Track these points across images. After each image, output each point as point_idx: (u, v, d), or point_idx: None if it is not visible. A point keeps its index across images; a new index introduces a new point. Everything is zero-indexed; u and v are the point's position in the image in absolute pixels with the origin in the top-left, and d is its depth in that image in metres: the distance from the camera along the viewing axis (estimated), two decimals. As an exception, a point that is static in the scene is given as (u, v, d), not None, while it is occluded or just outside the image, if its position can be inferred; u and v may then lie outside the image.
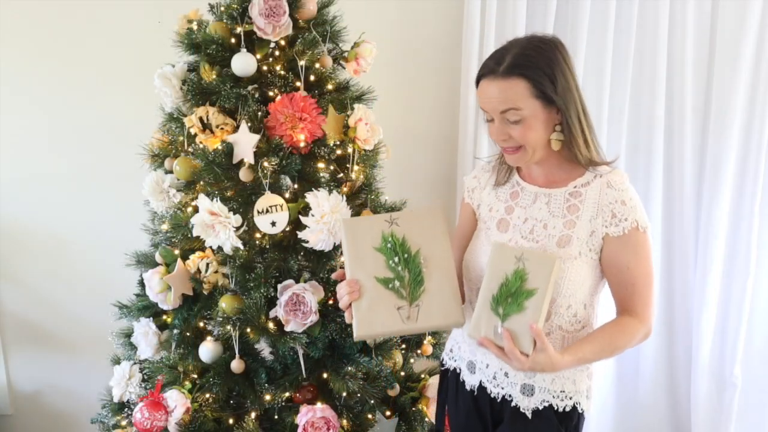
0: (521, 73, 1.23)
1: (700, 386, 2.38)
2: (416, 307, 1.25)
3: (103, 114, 2.28)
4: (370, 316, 1.24)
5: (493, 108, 1.25)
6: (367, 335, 1.25)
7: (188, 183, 1.74)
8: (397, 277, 1.26)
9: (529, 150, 1.28)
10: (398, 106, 2.31)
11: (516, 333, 1.18)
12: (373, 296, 1.25)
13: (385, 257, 1.27)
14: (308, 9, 1.69)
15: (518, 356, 1.16)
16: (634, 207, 1.28)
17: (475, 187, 1.50)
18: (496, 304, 1.20)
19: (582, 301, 1.32)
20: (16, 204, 2.35)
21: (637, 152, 2.32)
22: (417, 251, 1.27)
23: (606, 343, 1.27)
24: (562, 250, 1.29)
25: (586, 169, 1.33)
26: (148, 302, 1.78)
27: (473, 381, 1.44)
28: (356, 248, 1.28)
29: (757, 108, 2.21)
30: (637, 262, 1.28)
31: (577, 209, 1.31)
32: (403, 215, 1.30)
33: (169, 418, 1.62)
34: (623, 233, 1.27)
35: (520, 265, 1.20)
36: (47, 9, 2.20)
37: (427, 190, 2.42)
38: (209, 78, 1.65)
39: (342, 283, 1.28)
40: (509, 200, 1.41)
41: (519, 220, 1.37)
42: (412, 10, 2.29)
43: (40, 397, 2.53)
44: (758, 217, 2.28)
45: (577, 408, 1.36)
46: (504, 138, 1.27)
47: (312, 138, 1.63)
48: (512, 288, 1.19)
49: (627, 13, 2.19)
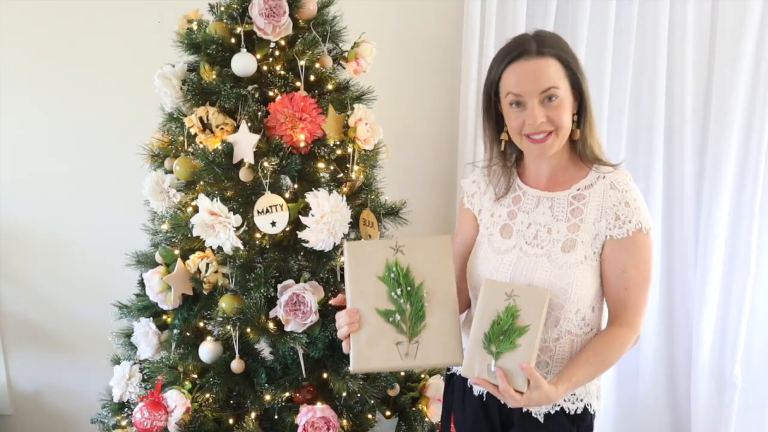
0: (554, 53, 1.23)
1: (700, 386, 2.38)
2: (415, 344, 1.22)
3: (103, 114, 2.28)
4: (369, 350, 1.22)
5: (532, 88, 1.22)
6: (363, 370, 1.24)
7: (188, 183, 1.74)
8: (398, 310, 1.23)
9: (560, 135, 1.25)
10: (398, 106, 2.31)
11: (509, 371, 1.17)
12: (372, 329, 1.22)
13: (387, 287, 1.23)
14: (308, 9, 1.69)
15: (513, 395, 1.16)
16: (638, 208, 1.26)
17: (475, 192, 1.47)
18: (489, 342, 1.19)
19: (590, 304, 1.31)
20: (16, 204, 2.35)
21: (637, 152, 2.32)
22: (421, 284, 1.23)
23: (598, 362, 1.26)
24: (567, 255, 1.27)
25: (590, 168, 1.31)
26: (148, 302, 1.78)
27: (481, 388, 1.42)
28: (358, 275, 1.24)
29: (757, 108, 2.21)
30: (634, 265, 1.26)
31: (581, 212, 1.29)
32: (410, 243, 1.26)
33: (169, 418, 1.62)
34: (627, 236, 1.25)
35: (511, 301, 1.19)
36: (47, 9, 2.20)
37: (427, 191, 2.42)
38: (209, 78, 1.65)
39: (342, 312, 1.25)
40: (512, 205, 1.38)
41: (522, 226, 1.34)
42: (412, 10, 2.29)
43: (40, 397, 2.53)
44: (758, 217, 2.28)
45: (589, 409, 1.36)
46: (542, 119, 1.23)
47: (312, 138, 1.63)
48: (504, 326, 1.19)
49: (627, 13, 2.19)
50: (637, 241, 1.26)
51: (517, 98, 1.24)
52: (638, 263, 1.27)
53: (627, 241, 1.25)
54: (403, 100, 2.34)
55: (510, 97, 1.25)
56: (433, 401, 1.86)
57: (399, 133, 2.26)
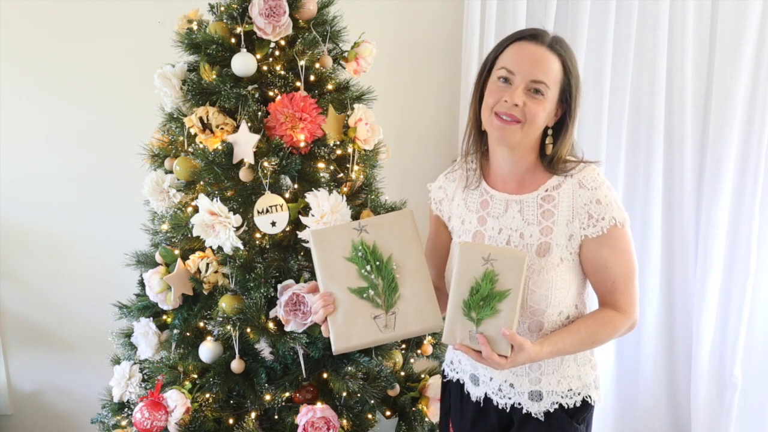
0: (562, 56, 1.22)
1: (700, 386, 2.38)
2: (393, 315, 1.22)
3: (104, 114, 2.28)
4: (347, 328, 1.22)
5: (527, 72, 1.19)
6: (344, 348, 1.23)
7: (188, 183, 1.74)
8: (371, 286, 1.23)
9: (526, 129, 1.22)
10: (398, 106, 2.31)
11: (492, 337, 1.16)
12: (348, 308, 1.23)
13: (357, 266, 1.24)
14: (308, 9, 1.69)
15: (497, 360, 1.15)
16: (610, 204, 1.24)
17: (442, 198, 1.46)
18: (469, 309, 1.18)
19: (572, 303, 1.31)
20: (16, 204, 2.35)
21: (637, 152, 2.32)
22: (389, 257, 1.24)
23: (588, 336, 1.26)
24: (543, 259, 1.25)
25: (554, 173, 1.28)
26: (148, 302, 1.78)
27: (478, 393, 1.42)
28: (326, 259, 1.25)
29: (757, 108, 2.21)
30: (616, 258, 1.26)
31: (552, 214, 1.26)
32: (372, 221, 1.27)
33: (169, 418, 1.62)
34: (602, 233, 1.24)
35: (488, 266, 1.17)
36: (47, 9, 2.20)
37: (427, 190, 2.42)
38: (209, 78, 1.65)
39: (315, 296, 1.25)
40: (480, 210, 1.35)
41: (494, 231, 1.32)
42: (412, 10, 2.29)
43: (40, 397, 2.53)
44: (758, 217, 2.28)
45: (588, 401, 1.36)
46: (518, 103, 1.19)
47: (312, 138, 1.63)
48: (484, 292, 1.17)
49: (627, 13, 2.19)
50: (613, 236, 1.24)
51: (508, 74, 1.21)
52: (619, 255, 1.26)
53: (603, 238, 1.24)
54: (403, 100, 2.34)
55: (502, 71, 1.22)
56: (433, 401, 1.86)
57: (399, 133, 2.26)
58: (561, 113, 1.27)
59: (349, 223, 1.28)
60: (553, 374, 1.34)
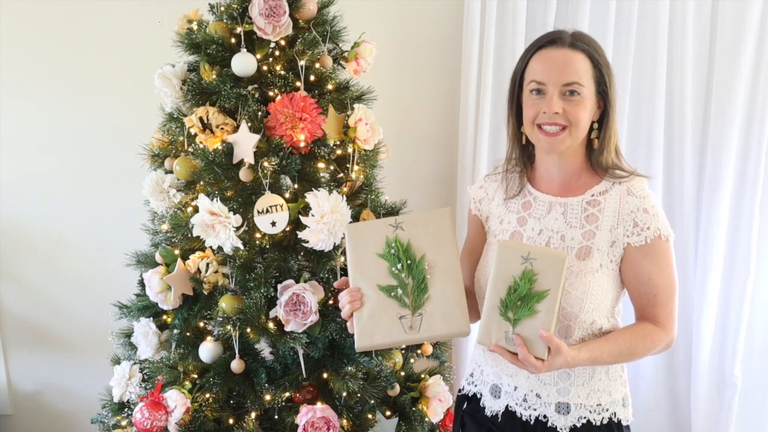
0: (586, 50, 1.21)
1: (700, 386, 2.38)
2: (419, 316, 1.19)
3: (103, 114, 2.28)
4: (371, 326, 1.20)
5: (557, 78, 1.18)
6: (367, 347, 1.21)
7: (188, 183, 1.74)
8: (400, 285, 1.20)
9: (573, 133, 1.21)
10: (398, 106, 2.31)
11: (529, 338, 1.13)
12: (374, 305, 1.20)
13: (388, 263, 1.22)
14: (308, 9, 1.69)
15: (534, 362, 1.12)
16: (657, 215, 1.23)
17: (482, 198, 1.43)
18: (506, 309, 1.14)
19: (605, 314, 1.27)
20: (16, 204, 2.35)
21: (637, 152, 2.32)
22: (422, 257, 1.21)
23: (626, 347, 1.22)
24: (583, 263, 1.23)
25: (603, 177, 1.27)
26: (148, 302, 1.78)
27: (496, 406, 1.36)
28: (359, 255, 1.23)
29: (757, 108, 2.21)
30: (659, 272, 1.24)
31: (597, 219, 1.24)
32: (409, 219, 1.24)
33: (169, 418, 1.62)
34: (645, 242, 1.22)
35: (527, 265, 1.13)
36: (47, 9, 2.20)
37: (427, 190, 2.42)
38: (209, 78, 1.65)
39: (344, 292, 1.23)
40: (521, 211, 1.33)
41: (533, 232, 1.30)
42: (412, 10, 2.29)
43: (40, 397, 2.53)
44: (758, 217, 2.28)
45: (614, 419, 1.30)
46: (559, 111, 1.19)
47: (312, 138, 1.63)
48: (522, 291, 1.13)
49: (627, 13, 2.19)
50: (657, 248, 1.23)
51: (539, 86, 1.21)
52: (662, 269, 1.24)
53: (648, 248, 1.22)
54: (403, 100, 2.34)
55: (532, 84, 1.22)
56: (433, 401, 1.86)
57: (399, 133, 2.26)
58: (603, 105, 1.25)
59: (386, 219, 1.25)
60: (583, 386, 1.30)
